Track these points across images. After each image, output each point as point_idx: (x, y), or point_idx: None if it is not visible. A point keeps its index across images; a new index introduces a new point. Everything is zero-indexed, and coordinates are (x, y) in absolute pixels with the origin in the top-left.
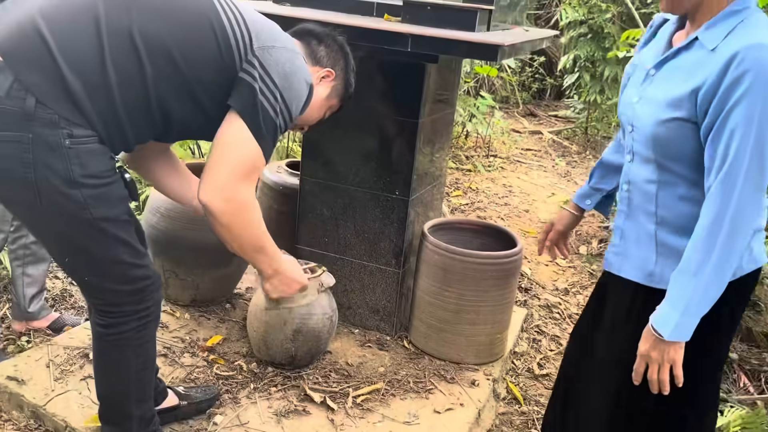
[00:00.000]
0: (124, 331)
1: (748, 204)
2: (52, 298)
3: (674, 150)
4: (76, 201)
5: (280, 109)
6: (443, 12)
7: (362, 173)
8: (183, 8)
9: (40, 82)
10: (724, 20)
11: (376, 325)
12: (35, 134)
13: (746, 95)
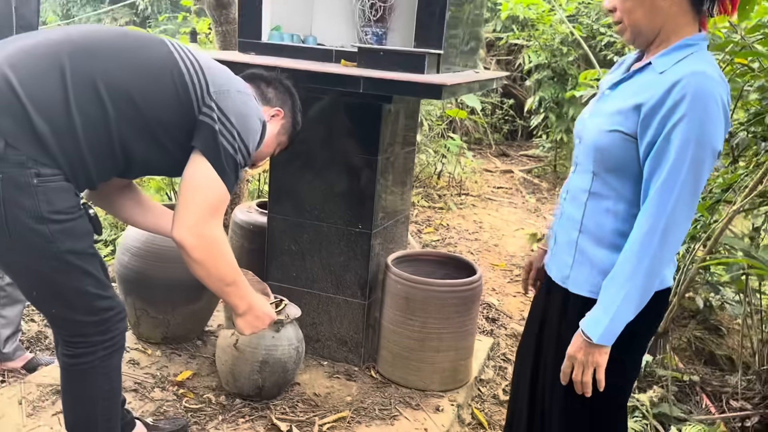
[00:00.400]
0: (90, 360)
1: (681, 219)
2: (28, 340)
3: (611, 161)
4: (44, 236)
5: (239, 147)
6: (395, 56)
7: (327, 209)
8: (143, 57)
9: (10, 127)
10: (677, 51)
11: (344, 357)
12: (5, 174)
13: (685, 117)
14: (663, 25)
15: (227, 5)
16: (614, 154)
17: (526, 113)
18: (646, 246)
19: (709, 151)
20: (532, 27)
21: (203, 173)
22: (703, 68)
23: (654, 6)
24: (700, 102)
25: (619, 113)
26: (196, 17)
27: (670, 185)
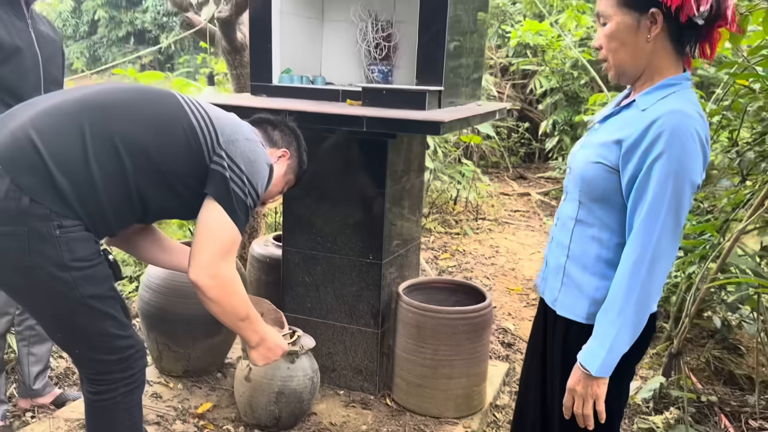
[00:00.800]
0: (113, 396)
1: (666, 250)
2: (56, 376)
3: (596, 191)
4: (67, 282)
5: (249, 191)
6: (397, 95)
7: (338, 241)
8: (157, 112)
9: (33, 184)
10: (659, 90)
11: (360, 386)
12: (30, 227)
13: (664, 154)
14: (646, 65)
15: (241, 50)
16: (598, 185)
17: (540, 136)
18: (635, 278)
19: (687, 184)
20: (543, 53)
21: (216, 217)
22: (680, 107)
23: (637, 47)
24: (678, 139)
25: (603, 146)
26: (215, 58)
27: (653, 219)
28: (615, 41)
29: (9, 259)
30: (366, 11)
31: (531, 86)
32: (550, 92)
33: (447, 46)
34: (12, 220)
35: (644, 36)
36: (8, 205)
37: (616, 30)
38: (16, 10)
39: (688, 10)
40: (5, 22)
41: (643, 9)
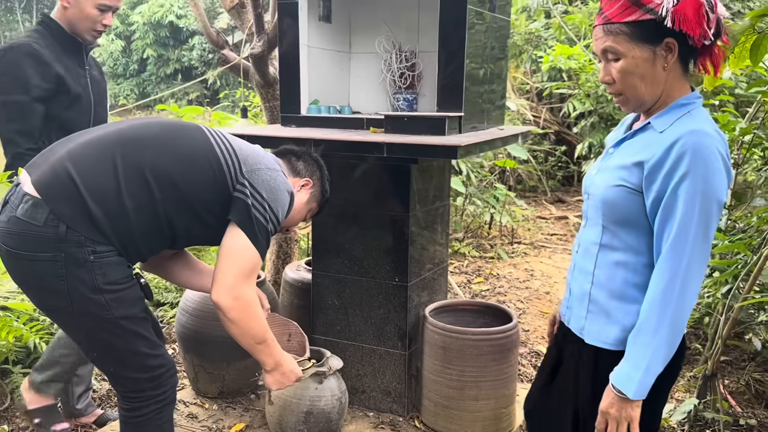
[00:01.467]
0: (145, 413)
1: (696, 271)
2: (99, 398)
3: (619, 215)
4: (101, 304)
5: (270, 217)
6: (418, 121)
7: (366, 264)
8: (184, 145)
9: (69, 213)
10: (673, 111)
11: (388, 407)
12: (67, 253)
13: (689, 173)
14: (662, 92)
15: (272, 84)
16: (621, 208)
17: (577, 159)
18: (667, 300)
19: (714, 203)
20: (576, 76)
21: (239, 242)
22: (700, 126)
23: (655, 78)
24: (701, 158)
25: (622, 169)
26: (253, 92)
27: (682, 241)
28: (633, 76)
29: (48, 283)
30: (390, 43)
31: (565, 109)
32: (587, 115)
33: (466, 74)
34: (50, 247)
35: (661, 65)
36: (47, 233)
37: (632, 65)
38: (79, 58)
39: (705, 36)
40: (71, 69)
41: (658, 41)
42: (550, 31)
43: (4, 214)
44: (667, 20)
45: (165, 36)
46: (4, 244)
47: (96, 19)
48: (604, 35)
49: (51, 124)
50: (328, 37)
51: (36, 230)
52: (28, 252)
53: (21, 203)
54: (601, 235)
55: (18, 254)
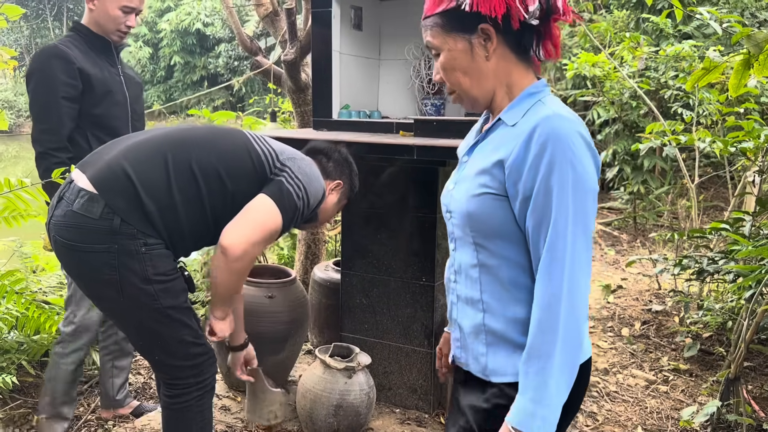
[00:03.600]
0: (187, 400)
1: (581, 274)
2: (135, 390)
3: (488, 227)
4: (150, 294)
5: (303, 197)
6: (446, 125)
7: (393, 265)
8: (227, 143)
9: (124, 206)
10: (522, 102)
11: (415, 404)
12: (120, 245)
13: (555, 163)
14: (497, 84)
15: (304, 89)
16: (488, 218)
17: (601, 166)
18: (555, 314)
19: (589, 193)
20: (600, 84)
21: (264, 203)
22: (553, 110)
23: (479, 70)
24: (564, 144)
25: (482, 174)
26: (281, 98)
27: (562, 243)
28: (455, 71)
29: (101, 273)
30: (419, 50)
31: (589, 117)
32: (611, 122)
33: None
34: (105, 239)
35: (482, 56)
36: (102, 225)
37: (451, 59)
38: (109, 57)
39: (518, 15)
40: (102, 67)
41: (471, 29)
42: (575, 39)
43: (59, 209)
44: (464, 4)
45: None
46: (59, 236)
47: (120, 20)
48: (424, 31)
49: (84, 122)
50: (359, 44)
51: (92, 223)
52: (84, 244)
53: (77, 198)
54: (477, 255)
55: (73, 246)
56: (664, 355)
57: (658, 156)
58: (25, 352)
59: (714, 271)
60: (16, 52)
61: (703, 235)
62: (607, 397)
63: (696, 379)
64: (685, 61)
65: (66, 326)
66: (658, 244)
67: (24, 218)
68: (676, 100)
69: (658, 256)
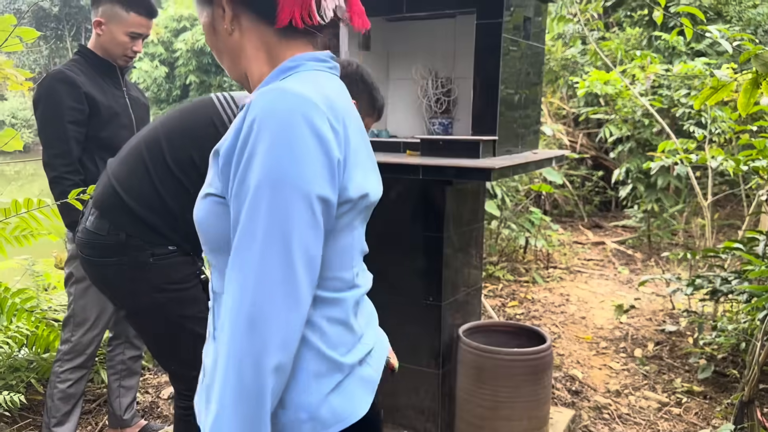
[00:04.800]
0: None
1: (273, 299)
2: (142, 410)
3: (212, 239)
4: (162, 304)
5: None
6: (453, 144)
7: (401, 284)
8: (193, 121)
9: (125, 222)
10: (273, 80)
11: (423, 426)
12: (130, 257)
13: (254, 153)
14: (251, 63)
15: None
16: (213, 228)
17: (614, 184)
18: (232, 349)
19: (297, 196)
20: (612, 101)
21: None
22: (280, 85)
23: (226, 44)
24: (271, 127)
25: (210, 170)
26: None
27: (246, 251)
28: (212, 48)
29: (116, 286)
30: (427, 69)
31: (601, 135)
32: (624, 140)
33: (501, 99)
34: (115, 253)
35: (223, 29)
36: (111, 241)
37: (205, 33)
38: (114, 80)
39: None
40: (107, 91)
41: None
42: (586, 57)
43: (80, 226)
44: None
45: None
46: (81, 252)
47: (126, 46)
48: None
49: (91, 145)
50: (367, 64)
51: (102, 239)
52: (98, 258)
53: (89, 216)
54: (216, 277)
55: (92, 260)
56: (678, 376)
57: (671, 174)
58: (34, 371)
59: (727, 291)
60: (32, 74)
61: (717, 254)
62: (619, 420)
63: (710, 402)
64: (697, 79)
65: (63, 345)
66: (672, 263)
67: (35, 237)
68: (689, 118)
69: (672, 276)
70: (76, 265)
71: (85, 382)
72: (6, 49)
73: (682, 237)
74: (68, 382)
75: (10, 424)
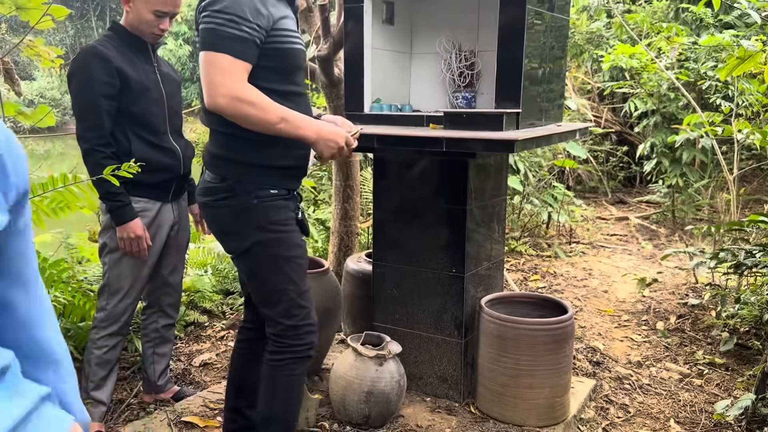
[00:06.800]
0: (282, 360)
1: None
2: (175, 376)
3: None
4: (263, 242)
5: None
6: (476, 118)
7: (424, 256)
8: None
9: (233, 170)
10: None
11: (445, 393)
12: (237, 199)
13: None
14: None
15: (337, 83)
16: None
17: (637, 159)
18: None
19: None
20: (638, 75)
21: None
22: None
23: None
24: None
25: None
26: (316, 94)
27: None
28: None
29: (226, 226)
30: (450, 43)
31: (626, 109)
32: (649, 114)
33: (525, 73)
34: (226, 195)
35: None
36: (224, 186)
37: None
38: (145, 56)
39: None
40: (138, 66)
41: None
42: (611, 31)
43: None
44: None
45: None
46: (199, 197)
47: (153, 24)
48: None
49: (123, 119)
50: (391, 38)
51: (217, 185)
52: (214, 201)
53: (208, 168)
54: None
55: (206, 203)
56: (700, 348)
57: (696, 148)
58: (71, 338)
59: (752, 264)
60: (62, 51)
61: (742, 227)
62: (640, 390)
63: (732, 374)
64: (725, 51)
65: (98, 313)
66: (696, 237)
67: (72, 209)
68: (716, 91)
69: (695, 249)
70: (110, 235)
71: (120, 349)
72: (37, 26)
73: (707, 212)
74: (105, 348)
75: None
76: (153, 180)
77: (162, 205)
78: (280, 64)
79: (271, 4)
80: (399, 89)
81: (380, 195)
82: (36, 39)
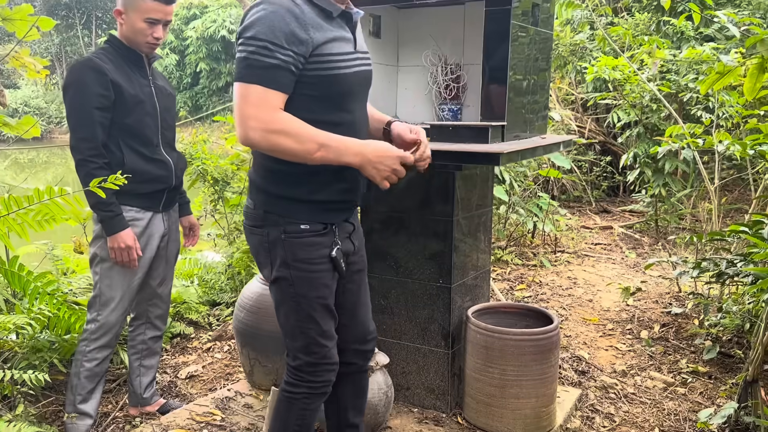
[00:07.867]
0: (297, 393)
1: None
2: (161, 389)
3: None
4: (286, 278)
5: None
6: (462, 130)
7: (411, 267)
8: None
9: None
10: None
11: (432, 404)
12: (269, 231)
13: None
14: None
15: None
16: None
17: (621, 169)
18: None
19: None
20: (620, 87)
21: (234, 92)
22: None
23: None
24: None
25: None
26: None
27: None
28: None
29: (258, 254)
30: (437, 56)
31: (609, 120)
32: (632, 125)
33: (509, 85)
34: (261, 224)
35: None
36: (259, 213)
37: None
38: (141, 69)
39: None
40: (133, 79)
41: None
42: (594, 43)
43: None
44: None
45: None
46: (245, 218)
47: (146, 32)
48: None
49: (117, 131)
50: (378, 51)
51: (250, 211)
52: (248, 226)
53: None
54: None
55: (244, 225)
56: (683, 357)
57: (679, 159)
58: (56, 351)
59: (733, 273)
60: (47, 62)
61: (723, 237)
62: (625, 399)
63: (715, 382)
64: (705, 64)
65: (89, 325)
66: (679, 246)
67: (57, 221)
68: (697, 102)
69: (678, 259)
70: (101, 245)
71: (109, 361)
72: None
73: (690, 221)
74: (95, 360)
75: (34, 402)
76: (144, 190)
77: (153, 215)
78: (324, 92)
79: (314, 26)
80: (386, 102)
81: (367, 206)
82: (22, 49)
